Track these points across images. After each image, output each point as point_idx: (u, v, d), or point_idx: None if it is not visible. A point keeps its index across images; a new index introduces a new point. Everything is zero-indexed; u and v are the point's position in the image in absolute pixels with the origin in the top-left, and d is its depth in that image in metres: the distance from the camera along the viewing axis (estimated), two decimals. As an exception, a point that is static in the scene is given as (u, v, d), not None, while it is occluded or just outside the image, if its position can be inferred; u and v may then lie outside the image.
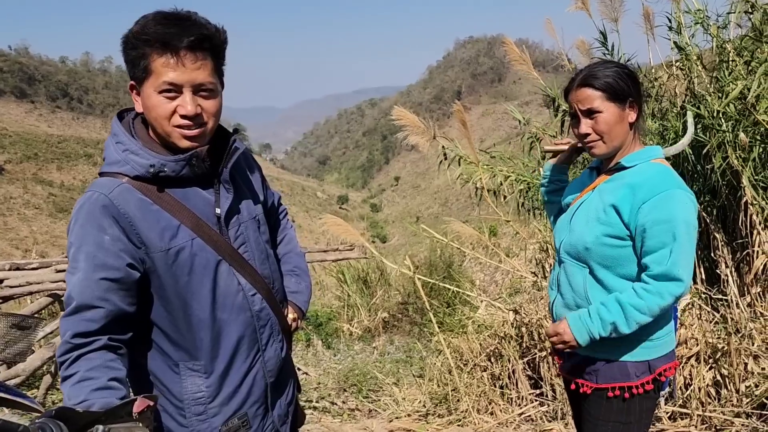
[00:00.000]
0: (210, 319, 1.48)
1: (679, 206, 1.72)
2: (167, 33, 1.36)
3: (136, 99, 1.46)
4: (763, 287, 3.78)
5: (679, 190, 1.75)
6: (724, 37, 4.26)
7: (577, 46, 5.00)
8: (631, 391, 1.85)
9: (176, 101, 1.41)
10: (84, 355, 1.34)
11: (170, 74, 1.38)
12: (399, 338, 7.89)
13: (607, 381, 1.87)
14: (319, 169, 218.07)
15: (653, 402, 1.93)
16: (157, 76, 1.39)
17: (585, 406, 1.97)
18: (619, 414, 1.88)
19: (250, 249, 1.57)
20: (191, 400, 1.48)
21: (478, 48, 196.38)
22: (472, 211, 47.45)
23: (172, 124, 1.43)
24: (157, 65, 1.38)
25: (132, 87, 1.46)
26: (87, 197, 1.43)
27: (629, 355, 1.85)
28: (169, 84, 1.39)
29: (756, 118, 3.71)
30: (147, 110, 1.44)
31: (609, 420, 1.90)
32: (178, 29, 1.37)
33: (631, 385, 1.85)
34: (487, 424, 4.04)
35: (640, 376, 1.85)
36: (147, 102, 1.42)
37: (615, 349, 1.86)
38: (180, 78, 1.39)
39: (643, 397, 1.86)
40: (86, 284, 1.37)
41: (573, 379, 1.97)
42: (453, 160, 4.96)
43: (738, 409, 3.48)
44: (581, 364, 1.94)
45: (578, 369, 1.95)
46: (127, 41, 1.40)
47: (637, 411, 1.89)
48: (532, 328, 4.33)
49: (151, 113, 1.43)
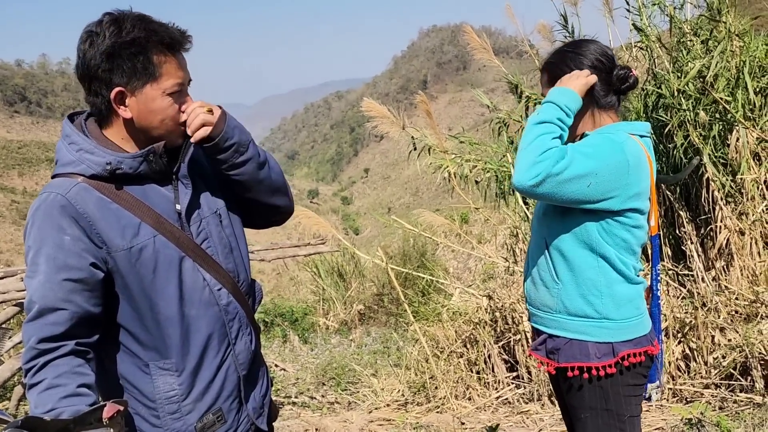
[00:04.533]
0: (178, 316, 1.46)
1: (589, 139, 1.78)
2: (170, 35, 1.41)
3: (121, 106, 1.41)
4: (727, 261, 3.88)
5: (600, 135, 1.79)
6: (681, 18, 4.34)
7: (539, 30, 5.04)
8: (591, 372, 1.82)
9: (179, 100, 1.46)
10: (51, 362, 1.31)
11: (180, 75, 1.44)
12: (376, 329, 7.91)
13: (567, 360, 1.85)
14: (288, 164, 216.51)
15: (631, 389, 1.87)
16: (167, 78, 1.42)
17: (567, 398, 1.94)
18: (595, 400, 1.86)
19: (213, 244, 1.55)
20: (164, 400, 1.46)
21: (442, 36, 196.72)
22: (443, 199, 47.71)
23: (178, 123, 1.47)
24: (167, 68, 1.41)
25: (119, 94, 1.40)
26: (43, 199, 1.40)
27: (591, 335, 1.83)
28: (180, 84, 1.45)
29: (714, 97, 3.80)
30: (149, 114, 1.42)
31: (587, 407, 1.87)
32: (173, 30, 1.43)
33: (590, 366, 1.81)
34: (466, 409, 4.08)
35: (601, 358, 1.82)
36: (152, 105, 1.41)
37: (578, 328, 1.84)
38: (185, 78, 1.47)
39: (610, 381, 1.83)
40: (48, 287, 1.34)
41: (538, 357, 1.95)
42: (422, 150, 4.98)
43: (707, 381, 3.58)
44: (545, 343, 1.92)
45: (543, 348, 1.94)
46: (127, 47, 1.36)
47: (611, 397, 1.84)
48: (506, 312, 4.38)
49: (157, 116, 1.43)
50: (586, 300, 1.84)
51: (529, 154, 1.68)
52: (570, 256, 1.84)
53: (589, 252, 1.83)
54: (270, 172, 1.63)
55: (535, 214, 1.97)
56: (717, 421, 3.18)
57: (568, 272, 1.85)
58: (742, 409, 3.35)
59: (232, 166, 1.53)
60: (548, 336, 1.91)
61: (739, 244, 3.81)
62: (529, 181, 1.65)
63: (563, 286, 1.86)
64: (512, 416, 3.94)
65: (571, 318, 1.85)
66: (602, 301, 1.84)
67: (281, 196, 1.71)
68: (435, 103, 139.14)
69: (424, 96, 4.88)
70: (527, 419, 3.85)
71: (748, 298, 3.64)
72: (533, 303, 1.97)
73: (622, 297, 1.84)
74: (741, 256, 3.80)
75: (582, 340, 1.84)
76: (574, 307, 1.85)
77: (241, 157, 1.53)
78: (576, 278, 1.84)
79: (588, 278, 1.83)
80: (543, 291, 1.91)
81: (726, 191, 3.86)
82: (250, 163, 1.55)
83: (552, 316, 1.89)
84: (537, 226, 1.95)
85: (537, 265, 1.92)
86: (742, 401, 3.41)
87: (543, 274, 1.90)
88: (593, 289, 1.83)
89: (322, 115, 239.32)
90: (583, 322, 1.84)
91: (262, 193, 1.64)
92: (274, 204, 1.70)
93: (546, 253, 1.88)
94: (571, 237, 1.83)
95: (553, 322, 1.88)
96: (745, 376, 3.51)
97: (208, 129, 1.46)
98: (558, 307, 1.87)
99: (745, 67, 3.85)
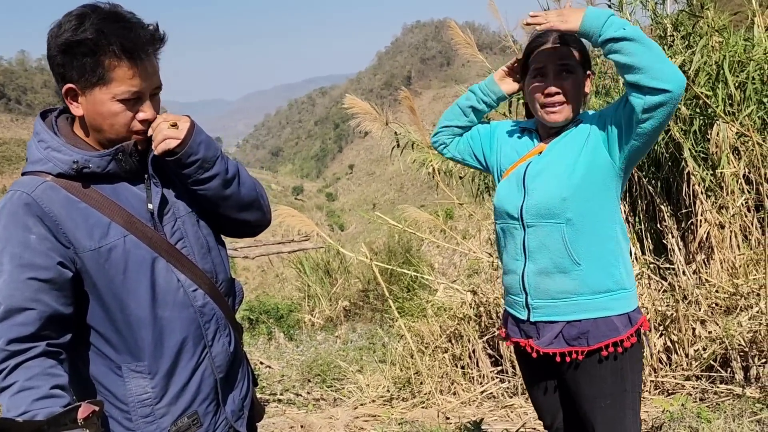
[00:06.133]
0: (150, 318, 1.43)
1: None
2: (128, 40, 1.33)
3: (73, 102, 1.39)
4: (707, 254, 3.92)
5: None
6: (662, 13, 4.37)
7: (522, 26, 5.04)
8: (623, 345, 1.81)
9: (134, 107, 1.40)
10: (22, 364, 1.28)
11: (135, 83, 1.37)
12: (361, 326, 7.91)
13: (599, 340, 1.81)
14: (273, 160, 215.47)
15: (641, 361, 1.91)
16: (118, 84, 1.35)
17: (581, 389, 1.90)
18: (617, 382, 1.85)
19: (189, 244, 1.52)
20: (137, 403, 1.43)
21: (425, 32, 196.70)
22: (428, 195, 47.78)
23: (130, 130, 1.41)
24: (119, 74, 1.35)
25: (70, 91, 1.37)
26: (8, 197, 1.37)
27: (613, 309, 1.83)
28: (134, 93, 1.38)
29: (696, 92, 3.83)
30: (98, 116, 1.38)
31: (607, 393, 1.85)
32: (135, 34, 1.35)
33: (622, 339, 1.81)
34: (450, 404, 4.09)
35: (624, 330, 1.82)
36: (100, 108, 1.37)
37: (601, 304, 1.83)
38: (143, 86, 1.39)
39: (632, 354, 1.84)
40: (14, 286, 1.30)
41: (556, 351, 1.87)
42: (406, 145, 4.97)
43: (688, 373, 3.62)
44: (562, 333, 1.87)
45: (560, 339, 1.87)
46: (78, 46, 1.32)
47: (628, 374, 1.85)
48: (490, 307, 4.39)
49: (105, 120, 1.39)
50: (608, 273, 1.84)
51: (668, 61, 1.65)
52: (595, 229, 1.83)
53: (610, 221, 1.86)
54: (239, 188, 1.56)
55: (544, 204, 1.85)
56: (698, 413, 3.21)
57: (592, 248, 1.83)
58: (722, 400, 3.39)
59: (196, 182, 1.49)
60: (566, 323, 1.86)
61: (719, 238, 3.85)
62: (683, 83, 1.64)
63: (584, 264, 1.82)
64: (497, 410, 3.96)
65: (593, 297, 1.83)
66: (619, 271, 1.85)
67: (253, 211, 1.64)
68: (419, 99, 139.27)
69: (407, 92, 4.87)
70: (511, 413, 3.87)
71: (728, 291, 3.68)
72: (542, 295, 1.89)
73: (629, 263, 1.87)
74: (721, 249, 3.84)
75: (606, 317, 1.83)
76: (597, 284, 1.83)
77: (206, 173, 1.48)
78: (599, 252, 1.83)
79: (609, 249, 1.85)
80: (559, 278, 1.85)
81: (706, 185, 3.89)
82: (216, 180, 1.50)
83: (572, 300, 1.84)
84: (550, 212, 1.84)
85: (550, 253, 1.85)
86: (722, 392, 3.45)
87: (559, 260, 1.84)
88: (613, 259, 1.85)
89: (306, 112, 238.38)
90: (605, 297, 1.84)
91: (228, 208, 1.58)
92: (243, 219, 1.63)
93: (564, 238, 1.82)
94: (598, 209, 1.84)
95: (573, 307, 1.84)
96: (725, 368, 3.55)
97: (171, 142, 1.41)
98: (580, 289, 1.83)
99: (725, 63, 3.89)
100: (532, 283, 1.89)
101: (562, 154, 1.87)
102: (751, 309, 3.54)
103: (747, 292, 3.63)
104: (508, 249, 1.98)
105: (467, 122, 2.16)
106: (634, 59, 1.64)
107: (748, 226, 3.88)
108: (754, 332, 3.45)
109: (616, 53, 1.66)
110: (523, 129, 2.04)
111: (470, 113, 2.15)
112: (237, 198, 1.57)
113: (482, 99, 2.11)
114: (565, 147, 1.88)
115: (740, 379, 3.49)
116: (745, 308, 3.58)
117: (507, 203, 1.94)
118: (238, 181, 1.56)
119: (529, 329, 1.94)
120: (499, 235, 2.03)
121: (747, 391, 3.37)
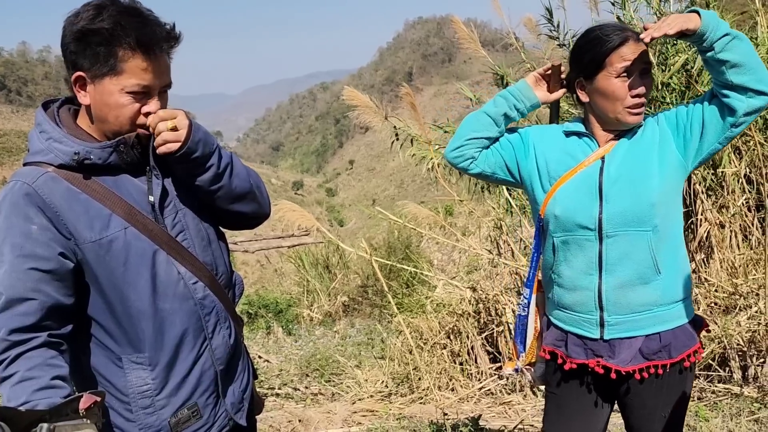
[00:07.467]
0: (151, 310, 1.43)
1: None
2: (144, 34, 1.34)
3: (81, 91, 1.39)
4: (707, 253, 3.92)
5: None
6: (667, 11, 4.36)
7: (525, 23, 5.04)
8: (697, 353, 1.76)
9: (142, 102, 1.40)
10: (23, 354, 1.28)
11: (145, 77, 1.37)
12: (360, 321, 7.92)
13: (680, 351, 1.73)
14: (273, 155, 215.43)
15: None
16: (129, 76, 1.36)
17: (647, 400, 1.79)
18: (686, 393, 1.79)
19: (190, 236, 1.51)
20: (137, 394, 1.44)
21: (427, 29, 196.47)
22: (428, 191, 47.75)
23: (135, 124, 1.41)
24: (131, 66, 1.35)
25: (80, 78, 1.38)
26: (9, 187, 1.37)
27: (686, 316, 1.78)
28: (144, 87, 1.38)
29: (698, 90, 3.83)
30: (104, 106, 1.39)
31: (671, 402, 1.77)
32: (152, 30, 1.36)
33: (698, 348, 1.76)
34: (449, 400, 4.10)
35: (698, 336, 1.79)
36: (108, 99, 1.37)
37: (677, 313, 1.76)
38: (153, 82, 1.39)
39: (695, 362, 1.80)
40: (15, 276, 1.30)
41: (635, 368, 1.74)
42: (405, 140, 4.97)
43: (687, 372, 3.62)
44: (641, 349, 1.75)
45: (638, 357, 1.75)
46: (93, 34, 1.32)
47: (689, 381, 1.80)
48: (489, 304, 4.40)
49: (111, 111, 1.39)
50: (683, 279, 1.77)
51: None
52: (674, 234, 1.77)
53: (680, 225, 1.80)
54: (230, 180, 1.55)
55: (632, 211, 1.71)
56: (696, 411, 3.22)
57: (670, 255, 1.75)
58: (720, 399, 3.40)
59: (190, 175, 1.50)
60: (644, 338, 1.75)
61: (719, 237, 3.85)
62: None
63: (664, 273, 1.72)
64: (494, 407, 3.97)
65: (671, 306, 1.75)
66: (688, 276, 1.80)
67: (247, 202, 1.63)
68: (420, 96, 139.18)
69: (409, 88, 4.86)
70: (509, 410, 3.88)
71: (728, 290, 3.68)
72: (623, 310, 1.75)
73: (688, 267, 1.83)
74: (721, 248, 3.85)
75: (682, 325, 1.76)
76: (675, 293, 1.75)
77: (201, 168, 1.49)
78: (675, 258, 1.76)
79: (682, 255, 1.80)
80: (641, 290, 1.73)
81: (707, 185, 3.90)
82: (209, 171, 1.50)
83: (652, 312, 1.74)
84: (639, 219, 1.71)
85: (634, 264, 1.72)
86: (720, 392, 3.46)
87: (642, 270, 1.73)
88: (684, 265, 1.80)
89: (307, 107, 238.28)
90: (681, 305, 1.77)
91: (220, 200, 1.57)
92: (237, 210, 1.62)
93: (651, 246, 1.71)
94: (674, 213, 1.78)
95: (653, 319, 1.74)
96: (723, 367, 3.56)
97: (172, 146, 1.41)
98: (660, 300, 1.74)
99: (727, 61, 3.88)
100: (612, 298, 1.74)
101: (637, 157, 1.75)
102: (750, 309, 3.55)
103: (746, 292, 3.63)
104: (574, 264, 1.79)
105: (498, 132, 1.92)
106: (744, 58, 1.60)
107: (749, 226, 3.88)
108: (753, 332, 3.46)
109: (728, 51, 1.60)
110: (570, 132, 1.86)
111: (502, 122, 1.92)
112: (227, 189, 1.56)
113: (515, 105, 1.90)
114: (638, 149, 1.76)
115: (738, 378, 3.50)
116: (744, 308, 3.59)
117: (579, 213, 1.75)
118: (230, 173, 1.55)
119: (600, 348, 1.78)
120: (558, 249, 1.81)
121: (745, 390, 3.38)
